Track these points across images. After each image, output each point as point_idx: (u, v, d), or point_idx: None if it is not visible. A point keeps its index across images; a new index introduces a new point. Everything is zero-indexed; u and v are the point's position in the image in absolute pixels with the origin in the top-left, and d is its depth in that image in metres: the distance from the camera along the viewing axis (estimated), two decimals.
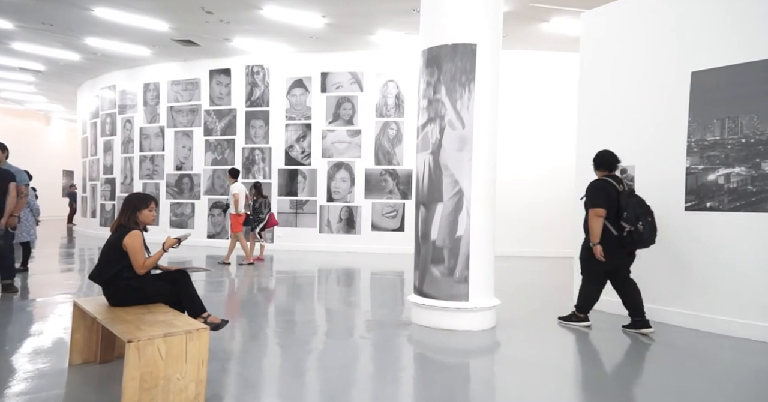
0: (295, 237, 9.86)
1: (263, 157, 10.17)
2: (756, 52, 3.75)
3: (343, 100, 9.73)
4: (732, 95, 3.90)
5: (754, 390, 2.85)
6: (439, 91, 4.03)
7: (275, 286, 6.08)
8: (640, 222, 3.76)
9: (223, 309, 4.66)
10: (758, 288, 3.69)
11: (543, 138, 9.18)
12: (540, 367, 3.15)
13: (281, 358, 3.29)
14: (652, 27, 4.45)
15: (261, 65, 10.12)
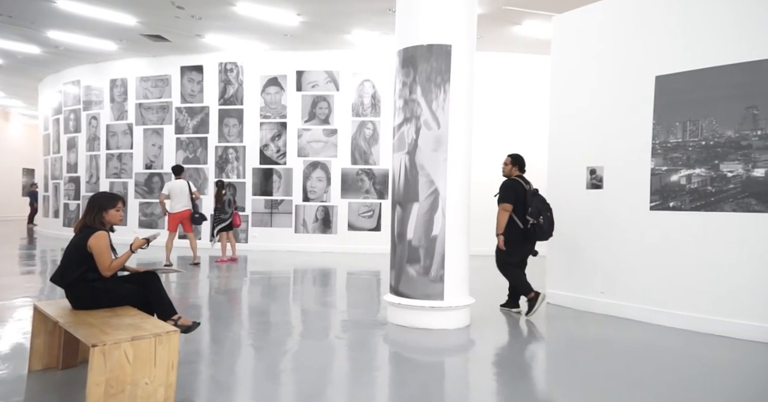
0: (270, 237, 9.72)
1: (237, 156, 9.98)
2: (715, 58, 3.93)
3: (319, 99, 9.66)
4: (693, 99, 4.07)
5: (721, 383, 2.99)
6: (415, 91, 4.05)
7: (249, 287, 5.98)
8: (541, 216, 4.36)
9: (194, 311, 4.55)
10: (718, 284, 3.86)
11: (516, 139, 9.33)
12: (513, 364, 3.21)
13: (255, 360, 3.24)
14: (619, 32, 4.60)
15: (234, 62, 9.93)
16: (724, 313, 3.81)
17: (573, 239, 4.85)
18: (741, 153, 3.83)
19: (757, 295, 3.67)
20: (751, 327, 3.66)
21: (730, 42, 3.87)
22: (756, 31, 3.74)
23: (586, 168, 4.76)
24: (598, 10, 4.81)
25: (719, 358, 3.36)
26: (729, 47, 3.87)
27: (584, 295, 4.70)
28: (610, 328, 4.07)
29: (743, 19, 3.81)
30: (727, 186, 3.89)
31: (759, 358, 3.35)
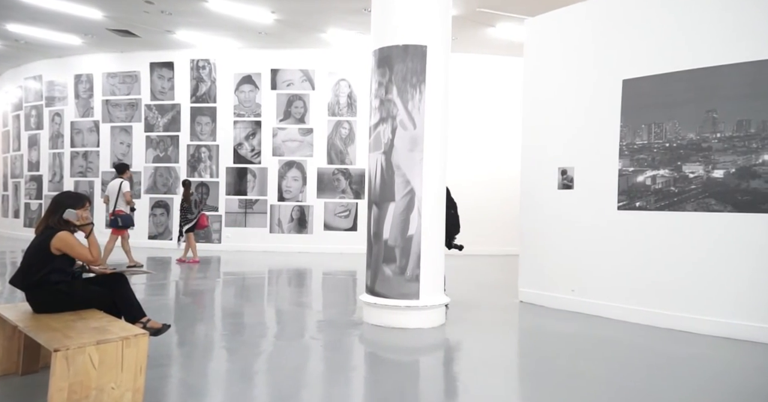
0: (245, 237, 9.55)
1: (210, 154, 9.77)
2: (678, 63, 4.10)
3: (295, 98, 9.56)
4: (657, 102, 4.24)
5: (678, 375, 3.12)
6: (391, 91, 4.06)
7: (222, 288, 5.86)
8: (451, 211, 4.57)
9: (165, 313, 4.42)
10: (680, 282, 4.03)
11: (490, 140, 9.50)
12: (487, 362, 3.26)
13: (228, 362, 3.17)
14: (589, 36, 4.74)
15: (207, 60, 9.72)
16: (686, 309, 3.97)
17: (545, 238, 4.96)
18: (702, 155, 4.01)
19: (717, 291, 3.85)
20: (712, 322, 3.83)
21: (691, 48, 4.04)
22: (715, 39, 3.92)
23: (557, 169, 4.88)
24: (568, 14, 4.94)
25: (680, 352, 3.50)
26: (690, 53, 4.04)
27: (556, 293, 4.82)
28: (580, 325, 4.18)
29: (704, 27, 3.99)
30: (689, 186, 4.06)
31: (717, 351, 3.51)
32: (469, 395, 2.69)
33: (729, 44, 3.85)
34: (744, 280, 3.73)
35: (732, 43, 3.84)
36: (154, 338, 2.90)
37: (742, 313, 3.72)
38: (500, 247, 8.99)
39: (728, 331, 3.74)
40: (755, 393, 2.76)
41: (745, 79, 3.79)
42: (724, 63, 3.86)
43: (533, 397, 2.74)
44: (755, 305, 3.68)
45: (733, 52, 3.82)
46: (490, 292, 5.69)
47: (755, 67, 3.74)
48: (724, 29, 3.88)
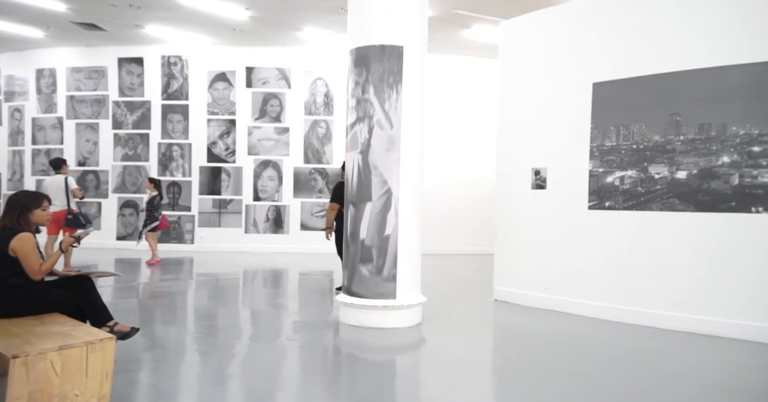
0: (219, 237, 9.36)
1: (182, 153, 9.53)
2: (644, 67, 4.25)
3: (270, 97, 9.43)
4: (625, 105, 4.37)
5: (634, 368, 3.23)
6: (368, 90, 4.06)
7: (195, 290, 5.72)
8: None
9: (134, 316, 4.28)
10: (646, 279, 4.17)
11: (466, 140, 9.61)
12: (463, 360, 3.29)
13: (201, 366, 3.10)
14: (561, 39, 4.85)
15: (179, 56, 9.47)
16: (652, 306, 4.12)
17: (519, 238, 5.05)
18: (666, 156, 4.16)
19: (679, 288, 4.00)
20: (675, 318, 3.98)
21: (656, 53, 4.19)
22: (678, 45, 4.08)
23: (531, 169, 4.98)
24: (542, 17, 5.04)
25: (645, 347, 3.62)
26: (655, 58, 4.19)
27: (529, 292, 4.91)
28: (552, 323, 4.28)
29: (667, 33, 4.14)
30: (654, 187, 4.21)
31: (680, 346, 3.65)
32: (445, 393, 2.71)
33: (690, 50, 4.01)
34: (704, 276, 3.90)
35: (693, 49, 4.01)
36: (122, 342, 2.80)
37: (703, 309, 3.88)
38: (476, 246, 9.10)
39: (691, 326, 3.90)
40: (713, 385, 2.89)
41: (706, 84, 3.96)
42: (686, 68, 4.03)
43: (507, 393, 2.78)
44: (715, 301, 3.84)
45: (694, 58, 3.99)
46: (466, 291, 5.75)
47: (714, 72, 3.91)
48: (686, 36, 4.05)
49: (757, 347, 3.54)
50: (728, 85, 3.87)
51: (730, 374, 3.06)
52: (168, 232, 9.42)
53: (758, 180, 3.75)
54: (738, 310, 3.76)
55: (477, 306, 4.98)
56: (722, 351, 3.49)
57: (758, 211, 3.74)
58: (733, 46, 3.83)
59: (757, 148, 3.77)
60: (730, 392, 2.75)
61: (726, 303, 3.81)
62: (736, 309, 3.76)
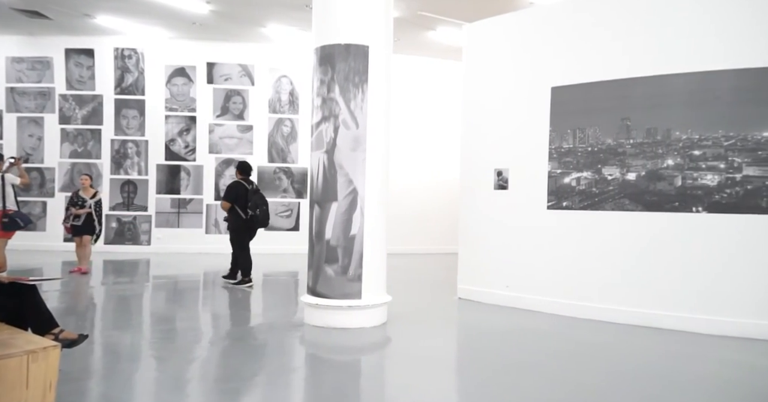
0: (178, 238, 9.02)
1: (138, 150, 9.12)
2: (597, 73, 4.45)
3: (233, 94, 9.19)
4: (581, 109, 4.57)
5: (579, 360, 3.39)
6: (333, 89, 4.03)
7: (152, 293, 5.49)
8: (258, 209, 5.68)
9: (82, 322, 4.07)
10: (600, 276, 4.38)
11: (431, 141, 9.74)
12: (427, 359, 3.34)
13: (157, 371, 2.98)
14: (522, 43, 5.00)
15: (134, 49, 9.05)
16: (605, 301, 4.32)
17: (482, 237, 5.17)
18: (618, 159, 4.38)
19: (629, 284, 4.23)
20: (625, 312, 4.20)
21: (607, 60, 4.40)
22: (626, 53, 4.30)
23: (493, 170, 5.11)
24: (503, 22, 5.18)
25: (598, 340, 3.82)
26: (607, 65, 4.40)
27: (492, 290, 5.04)
28: (513, 319, 4.41)
29: (617, 41, 4.36)
30: (607, 188, 4.43)
31: (626, 338, 3.87)
32: (409, 391, 2.75)
33: (638, 58, 4.25)
34: (652, 271, 4.14)
35: (640, 57, 4.24)
36: (70, 351, 2.65)
37: (651, 302, 4.12)
38: (441, 245, 9.24)
39: (641, 319, 4.13)
40: (655, 374, 3.07)
41: (652, 91, 4.21)
42: (635, 75, 4.26)
43: (469, 389, 2.84)
44: (661, 294, 4.09)
45: (642, 66, 4.23)
46: (431, 290, 5.84)
47: (659, 80, 4.16)
48: (634, 45, 4.27)
49: (693, 337, 3.80)
50: (672, 92, 4.13)
51: (670, 364, 3.26)
52: (122, 234, 9.01)
53: (698, 182, 4.03)
54: (681, 302, 4.01)
55: (441, 304, 5.06)
56: (664, 342, 3.72)
57: (698, 210, 4.01)
58: (675, 56, 4.09)
59: (697, 152, 4.04)
60: (669, 380, 2.94)
61: (670, 296, 4.05)
62: (679, 302, 4.02)
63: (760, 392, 2.77)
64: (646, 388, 2.79)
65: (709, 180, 3.98)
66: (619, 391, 2.76)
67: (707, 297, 3.92)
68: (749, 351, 3.48)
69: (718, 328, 3.83)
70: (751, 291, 3.80)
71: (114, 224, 9.02)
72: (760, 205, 3.81)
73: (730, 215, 3.89)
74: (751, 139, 3.85)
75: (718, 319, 3.85)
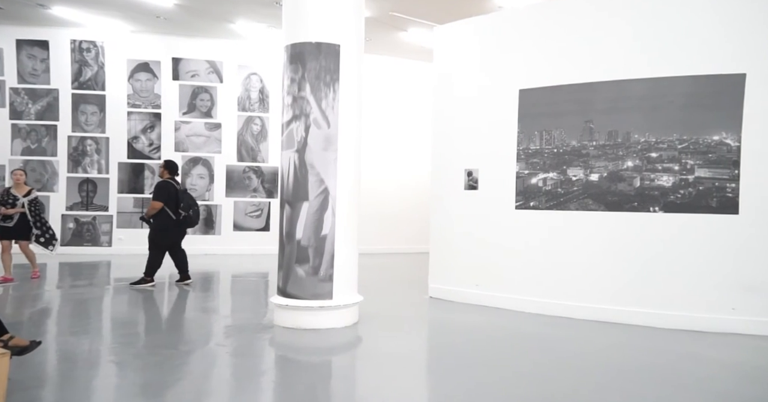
0: (141, 239, 8.66)
1: (98, 148, 8.73)
2: (562, 77, 4.60)
3: (200, 91, 8.95)
4: (547, 112, 4.71)
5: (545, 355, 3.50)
6: (304, 88, 3.99)
7: (113, 297, 5.27)
8: (191, 210, 5.66)
9: (36, 328, 3.86)
10: (564, 273, 4.53)
11: (402, 141, 9.80)
12: (398, 358, 3.36)
13: (117, 378, 2.86)
14: (492, 46, 5.09)
15: (93, 42, 8.66)
16: (568, 297, 4.47)
17: (452, 236, 5.24)
18: (582, 160, 4.54)
19: (592, 281, 4.39)
20: (589, 308, 4.36)
21: (572, 64, 4.55)
22: (589, 58, 4.46)
23: (464, 170, 5.19)
24: (473, 24, 5.27)
25: (561, 335, 3.94)
26: (571, 69, 4.55)
27: (462, 288, 5.12)
28: (482, 317, 4.49)
29: (582, 46, 4.52)
30: (572, 188, 4.58)
31: (588, 333, 4.02)
32: (380, 391, 2.75)
33: (600, 63, 4.42)
34: (613, 269, 4.31)
35: (602, 62, 4.41)
36: (21, 358, 2.52)
37: (613, 299, 4.29)
38: (412, 245, 9.31)
39: (604, 315, 4.29)
40: (617, 367, 3.21)
41: (613, 95, 4.38)
42: (597, 80, 4.43)
43: (439, 386, 2.88)
44: (621, 291, 4.27)
45: (603, 71, 4.40)
46: (402, 289, 5.87)
47: (619, 85, 4.34)
48: (596, 50, 4.44)
49: (650, 331, 3.98)
50: (631, 97, 4.32)
51: (626, 356, 3.41)
52: (81, 235, 8.61)
53: (655, 183, 4.23)
54: (639, 298, 4.20)
55: (412, 303, 5.10)
56: (623, 336, 3.88)
57: (655, 210, 4.21)
58: (633, 62, 4.28)
59: (654, 154, 4.24)
60: (630, 372, 3.08)
61: (629, 293, 4.24)
62: (638, 298, 4.20)
63: (708, 380, 2.94)
64: (607, 380, 2.91)
65: (665, 181, 4.18)
66: (583, 383, 2.86)
67: (662, 293, 4.12)
68: (701, 343, 3.69)
69: (673, 322, 4.04)
70: (701, 287, 4.01)
71: (71, 225, 8.62)
72: (710, 205, 4.03)
73: (684, 215, 4.10)
74: (702, 143, 4.07)
75: (672, 314, 4.06)
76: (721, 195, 4.00)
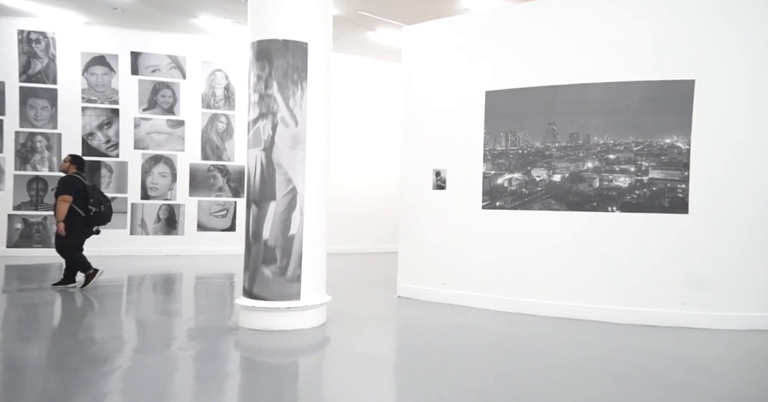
0: (97, 240, 8.24)
1: (49, 144, 8.26)
2: (527, 79, 4.73)
3: (162, 86, 8.62)
4: (512, 113, 4.83)
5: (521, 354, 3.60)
6: (271, 86, 3.92)
7: (64, 300, 4.99)
8: (102, 206, 5.48)
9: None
10: (528, 272, 4.65)
11: (371, 140, 9.80)
12: (366, 357, 3.35)
13: (68, 386, 2.71)
14: (459, 47, 5.17)
15: (43, 33, 8.19)
16: (531, 295, 4.60)
17: (421, 236, 5.29)
18: (545, 161, 4.69)
19: (556, 279, 4.54)
20: (553, 306, 4.50)
21: (536, 67, 4.69)
22: (553, 61, 4.61)
23: (432, 170, 5.24)
24: (441, 26, 5.33)
25: (527, 333, 4.06)
26: (535, 72, 4.69)
27: (430, 287, 5.17)
28: (449, 316, 4.55)
29: (545, 50, 4.66)
30: (536, 188, 4.72)
31: (551, 330, 4.15)
32: (347, 391, 2.74)
33: (562, 67, 4.57)
34: (575, 267, 4.47)
35: (563, 66, 4.57)
36: None
37: (575, 296, 4.45)
38: (381, 245, 9.33)
39: (567, 312, 4.44)
40: (575, 362, 3.33)
41: (574, 99, 4.55)
42: (559, 83, 4.58)
43: (406, 385, 2.90)
44: (583, 288, 4.43)
45: (564, 75, 4.56)
46: (371, 289, 5.87)
47: (580, 89, 4.51)
48: (558, 54, 4.59)
49: (610, 327, 4.16)
50: (590, 100, 4.49)
51: (584, 351, 3.55)
52: (29, 236, 8.11)
53: (613, 183, 4.42)
54: (600, 295, 4.37)
55: (381, 303, 5.10)
56: (585, 332, 4.03)
57: (613, 210, 4.40)
58: (593, 67, 4.45)
59: (612, 156, 4.43)
60: (586, 366, 3.20)
61: (590, 290, 4.41)
62: (599, 295, 4.38)
63: (659, 371, 3.10)
64: (564, 374, 3.02)
65: (622, 182, 4.37)
66: (543, 379, 2.95)
67: (621, 289, 4.31)
68: (654, 337, 3.88)
69: (630, 318, 4.23)
70: (655, 283, 4.23)
71: (19, 225, 8.12)
72: (662, 204, 4.25)
73: (639, 214, 4.30)
74: (655, 145, 4.29)
75: (629, 309, 4.25)
76: (672, 195, 4.22)
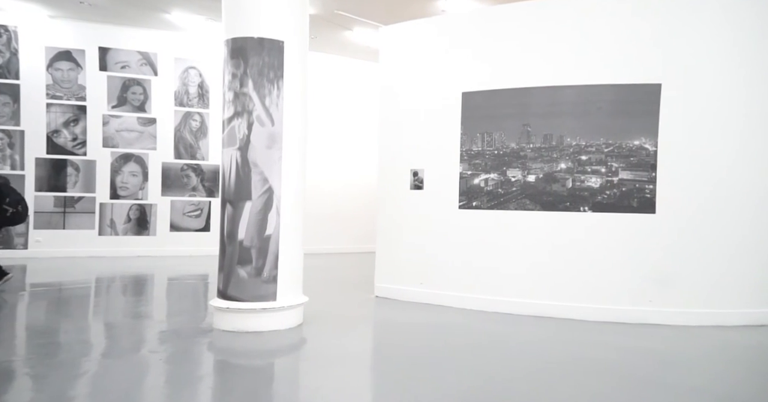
0: (63, 241, 7.99)
1: (11, 142, 7.91)
2: (502, 81, 4.81)
3: (132, 83, 8.38)
4: (488, 114, 4.91)
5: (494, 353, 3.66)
6: (247, 84, 3.87)
7: (28, 303, 4.79)
8: (20, 205, 5.43)
9: None
10: (504, 271, 4.74)
11: (349, 140, 9.78)
12: (342, 358, 3.34)
13: (32, 391, 2.60)
14: (436, 48, 5.21)
15: (4, 26, 7.84)
16: (506, 294, 4.69)
17: (398, 236, 5.31)
18: (520, 162, 4.78)
19: (531, 278, 4.63)
20: (528, 304, 4.59)
21: (511, 69, 4.78)
22: (527, 64, 4.71)
23: (409, 170, 5.27)
24: (418, 26, 5.37)
25: (503, 331, 4.13)
26: (510, 73, 4.78)
27: (407, 287, 5.20)
28: (426, 315, 4.59)
29: (519, 51, 4.76)
30: (511, 189, 4.81)
31: (526, 328, 4.24)
32: (322, 392, 2.73)
33: (536, 69, 4.67)
34: (549, 266, 4.58)
35: (536, 68, 4.67)
36: None
37: (549, 294, 4.56)
38: (359, 244, 9.32)
39: (541, 310, 4.54)
40: (547, 358, 3.42)
41: (547, 100, 4.66)
42: (533, 85, 4.69)
43: (382, 385, 2.91)
44: (557, 287, 4.54)
45: (538, 77, 4.66)
46: (349, 289, 5.85)
47: (553, 91, 4.62)
48: (532, 56, 4.69)
49: (582, 325, 4.28)
50: (563, 102, 4.61)
51: (557, 348, 3.65)
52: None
53: (585, 184, 4.54)
54: (573, 293, 4.49)
55: (358, 303, 5.10)
56: (559, 330, 4.14)
57: (584, 210, 4.52)
58: (566, 69, 4.57)
59: (584, 157, 4.56)
60: (558, 363, 3.29)
61: (563, 288, 4.52)
62: (572, 293, 4.50)
63: (628, 367, 3.21)
64: (545, 375, 3.09)
65: (593, 182, 4.51)
66: (517, 376, 3.02)
67: (593, 287, 4.44)
68: (623, 333, 4.01)
69: (601, 315, 4.36)
70: (624, 281, 4.37)
71: None
72: (631, 205, 4.40)
73: (610, 214, 4.44)
74: (625, 147, 4.44)
75: (601, 307, 4.38)
76: (641, 196, 4.38)
